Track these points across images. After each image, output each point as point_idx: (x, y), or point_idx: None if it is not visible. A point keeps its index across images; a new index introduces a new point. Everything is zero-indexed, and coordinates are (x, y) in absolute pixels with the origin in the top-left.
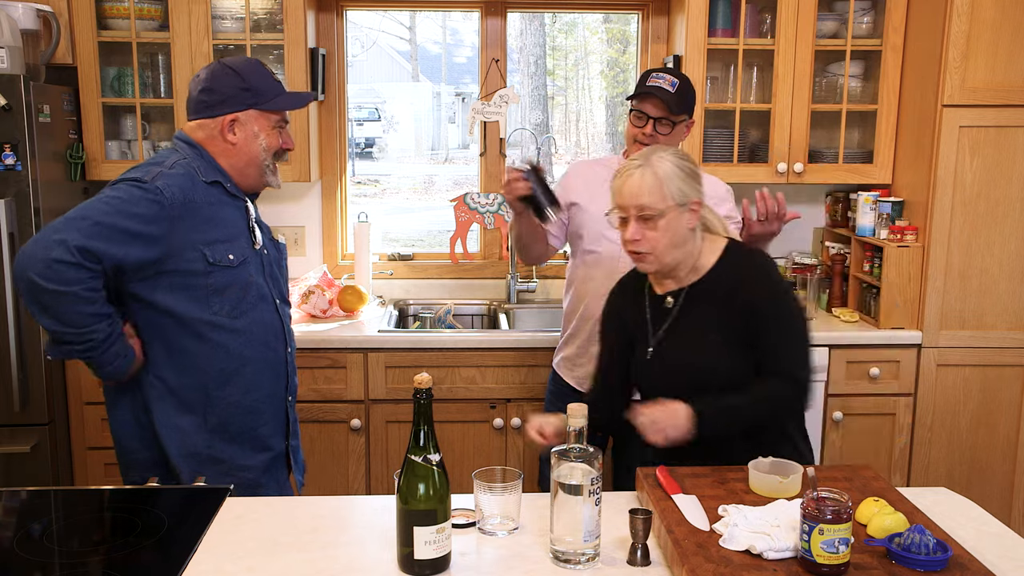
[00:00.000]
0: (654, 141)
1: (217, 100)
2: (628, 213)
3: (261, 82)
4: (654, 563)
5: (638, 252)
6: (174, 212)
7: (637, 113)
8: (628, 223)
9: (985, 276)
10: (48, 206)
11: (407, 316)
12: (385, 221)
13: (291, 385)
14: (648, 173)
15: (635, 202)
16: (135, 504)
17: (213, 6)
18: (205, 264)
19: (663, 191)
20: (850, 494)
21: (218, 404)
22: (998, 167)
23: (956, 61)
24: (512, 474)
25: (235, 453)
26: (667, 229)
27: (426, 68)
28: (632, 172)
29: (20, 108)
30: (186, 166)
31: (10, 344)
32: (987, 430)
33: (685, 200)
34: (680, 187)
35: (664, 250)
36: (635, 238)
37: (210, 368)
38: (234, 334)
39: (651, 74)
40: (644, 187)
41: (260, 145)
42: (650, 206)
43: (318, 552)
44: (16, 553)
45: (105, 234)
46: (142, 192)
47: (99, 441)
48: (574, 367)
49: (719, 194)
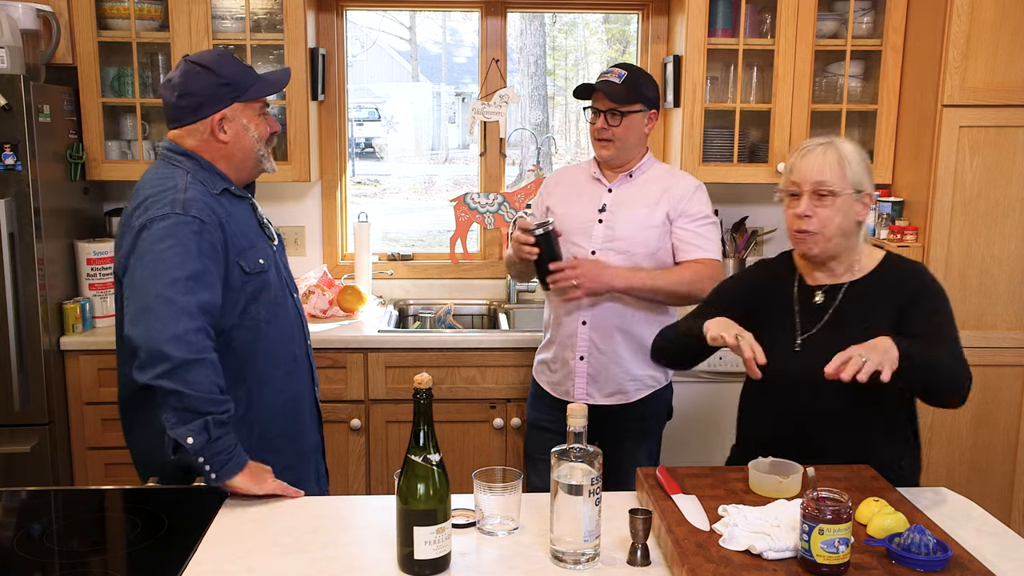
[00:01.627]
0: (609, 135)
1: (197, 102)
2: (802, 189)
3: (236, 73)
4: (654, 563)
5: (805, 231)
6: (216, 235)
7: (590, 109)
8: (800, 199)
9: (985, 276)
10: (48, 206)
11: (407, 316)
12: (385, 221)
13: (315, 377)
14: (832, 151)
15: (815, 177)
16: (135, 504)
17: (213, 6)
18: (243, 275)
19: (844, 172)
20: (850, 494)
21: (258, 410)
22: (998, 167)
23: (956, 61)
24: (512, 474)
25: (277, 459)
26: (840, 211)
27: (426, 68)
28: (815, 148)
29: (20, 108)
30: (196, 181)
31: (10, 344)
32: (987, 430)
33: (862, 188)
34: (861, 174)
35: (832, 232)
36: (806, 213)
37: (250, 375)
38: (267, 336)
39: (603, 72)
40: (827, 164)
41: (252, 137)
42: (829, 183)
43: (318, 552)
44: (16, 553)
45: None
46: (186, 227)
47: (99, 441)
48: (548, 372)
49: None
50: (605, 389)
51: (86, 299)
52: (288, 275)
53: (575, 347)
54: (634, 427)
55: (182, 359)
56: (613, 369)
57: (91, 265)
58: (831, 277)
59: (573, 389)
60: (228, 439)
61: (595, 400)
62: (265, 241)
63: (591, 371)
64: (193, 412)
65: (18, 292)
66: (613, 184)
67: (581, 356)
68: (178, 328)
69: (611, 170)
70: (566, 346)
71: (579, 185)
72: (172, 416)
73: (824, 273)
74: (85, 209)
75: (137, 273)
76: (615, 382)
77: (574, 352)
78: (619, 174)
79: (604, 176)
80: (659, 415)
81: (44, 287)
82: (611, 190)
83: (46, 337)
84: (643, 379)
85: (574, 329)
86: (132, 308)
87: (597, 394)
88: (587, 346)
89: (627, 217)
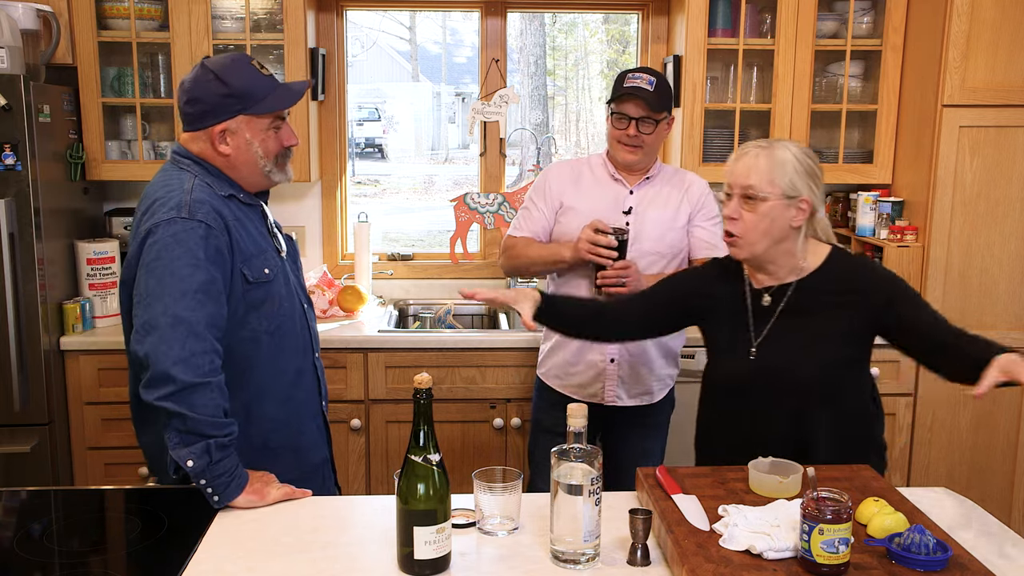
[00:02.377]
0: (638, 142)
1: (201, 111)
2: (732, 191)
3: (247, 83)
4: (654, 563)
5: (730, 235)
6: (222, 239)
7: (619, 115)
8: (731, 201)
9: (985, 276)
10: (48, 206)
11: (407, 316)
12: (385, 221)
13: (323, 391)
14: (764, 156)
15: (742, 181)
16: (135, 504)
17: (213, 6)
18: (244, 283)
19: (773, 177)
20: (850, 494)
21: (258, 421)
22: (998, 167)
23: (956, 61)
24: (512, 474)
25: (278, 469)
26: (766, 216)
27: (426, 68)
28: (748, 151)
29: (20, 108)
30: (203, 183)
31: (10, 344)
32: (987, 430)
33: (794, 194)
34: (793, 179)
35: (756, 238)
36: (732, 216)
37: (249, 385)
38: (269, 348)
39: (627, 75)
40: (755, 168)
41: (255, 152)
42: (755, 187)
43: (318, 552)
44: (16, 553)
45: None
46: (192, 231)
47: (99, 441)
48: (567, 375)
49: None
50: (633, 390)
51: (86, 299)
52: (299, 285)
53: (604, 350)
54: (653, 423)
55: (187, 383)
56: (642, 371)
57: (91, 265)
58: (774, 279)
59: (603, 392)
60: (229, 461)
61: (623, 402)
62: (273, 250)
63: (622, 373)
64: (195, 434)
65: (18, 292)
66: (634, 187)
67: (612, 359)
68: (184, 351)
69: (630, 173)
70: (592, 348)
71: (601, 184)
72: (175, 436)
73: (765, 275)
74: (85, 209)
75: (144, 283)
76: (643, 383)
77: (603, 354)
78: (638, 176)
79: (623, 178)
80: (668, 409)
81: (44, 287)
82: (632, 192)
83: (46, 337)
84: (665, 379)
85: None
86: (140, 321)
87: (625, 395)
88: (618, 348)
89: (655, 220)
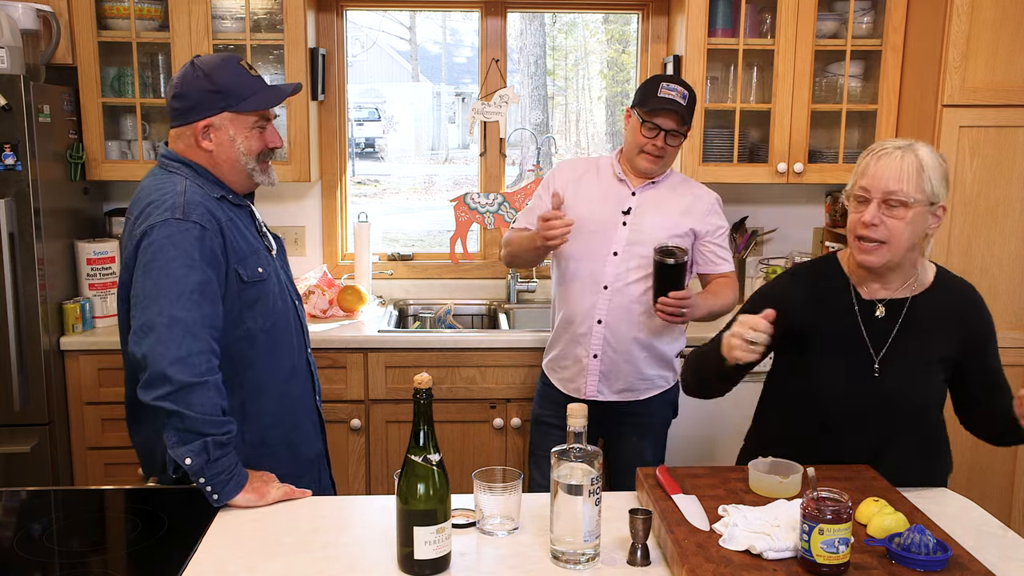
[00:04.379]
0: (664, 153)
1: (187, 106)
2: (871, 195)
3: (233, 82)
4: (654, 563)
5: (870, 240)
6: (216, 240)
7: (650, 125)
8: (867, 205)
9: (985, 276)
10: (48, 206)
11: (407, 316)
12: (385, 221)
13: (316, 385)
14: (911, 158)
15: (888, 186)
16: (135, 504)
17: (213, 6)
18: (239, 283)
19: (921, 182)
20: (850, 494)
21: (255, 418)
22: (998, 167)
23: (956, 61)
24: (512, 474)
25: (274, 465)
26: (911, 224)
27: (426, 68)
28: (892, 152)
29: (20, 108)
30: (195, 185)
31: (10, 344)
32: None
33: (936, 200)
34: (937, 185)
35: (901, 245)
36: (873, 222)
37: (245, 383)
38: (264, 345)
39: (660, 85)
40: (904, 171)
41: (238, 150)
42: (902, 193)
43: (318, 552)
44: (16, 553)
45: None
46: (187, 233)
47: (99, 441)
48: (559, 368)
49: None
50: (615, 386)
51: (86, 299)
52: (289, 282)
53: (589, 344)
54: (641, 424)
55: (184, 382)
56: (625, 368)
57: (91, 265)
58: (888, 291)
59: (584, 386)
60: (228, 460)
61: (604, 397)
62: (265, 249)
63: (603, 368)
64: (193, 433)
65: (18, 292)
66: (638, 188)
67: (595, 354)
68: (181, 351)
69: (637, 176)
70: (579, 343)
71: (603, 183)
72: (173, 435)
73: (880, 285)
74: (85, 209)
75: (141, 285)
76: (626, 380)
77: (587, 349)
78: (644, 179)
79: (628, 179)
80: (665, 413)
81: (44, 287)
82: (635, 193)
83: (46, 337)
84: (653, 379)
85: (589, 327)
86: (137, 323)
87: (607, 391)
88: (601, 344)
89: (652, 222)
